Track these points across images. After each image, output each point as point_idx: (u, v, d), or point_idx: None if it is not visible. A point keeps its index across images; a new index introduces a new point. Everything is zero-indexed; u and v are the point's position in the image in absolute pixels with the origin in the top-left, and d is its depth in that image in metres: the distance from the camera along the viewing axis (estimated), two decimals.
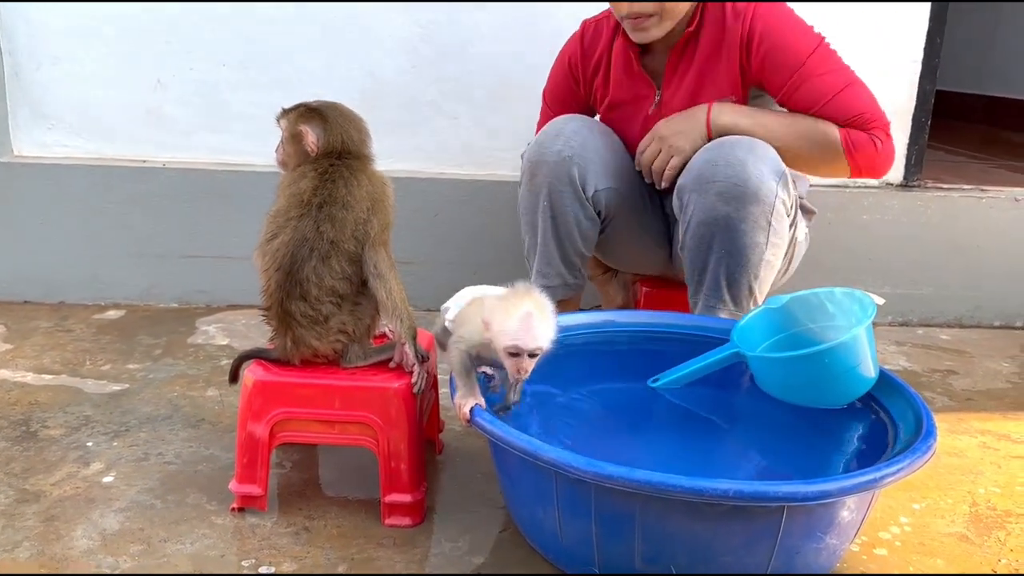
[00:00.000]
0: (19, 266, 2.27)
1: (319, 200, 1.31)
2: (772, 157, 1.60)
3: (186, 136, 2.29)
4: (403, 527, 1.33)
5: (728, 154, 1.57)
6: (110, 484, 1.43)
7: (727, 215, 1.56)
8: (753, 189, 1.54)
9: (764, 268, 1.63)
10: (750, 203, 1.55)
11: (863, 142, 1.65)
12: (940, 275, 2.42)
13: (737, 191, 1.55)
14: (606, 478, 1.05)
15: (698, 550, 1.11)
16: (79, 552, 1.24)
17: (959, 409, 1.89)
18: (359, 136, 1.38)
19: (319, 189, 1.31)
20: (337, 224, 1.30)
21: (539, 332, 1.16)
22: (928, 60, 2.34)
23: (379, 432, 1.31)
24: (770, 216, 1.58)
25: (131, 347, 2.01)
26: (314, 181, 1.32)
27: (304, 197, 1.31)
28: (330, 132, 1.34)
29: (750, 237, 1.58)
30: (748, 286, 1.63)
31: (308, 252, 1.29)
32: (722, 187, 1.55)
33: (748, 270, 1.61)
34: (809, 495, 1.04)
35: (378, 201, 1.34)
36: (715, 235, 1.59)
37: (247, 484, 1.33)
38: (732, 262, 1.61)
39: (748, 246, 1.59)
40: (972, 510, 1.47)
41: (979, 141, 3.58)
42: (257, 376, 1.33)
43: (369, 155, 1.39)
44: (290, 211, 1.32)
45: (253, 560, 1.24)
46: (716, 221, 1.57)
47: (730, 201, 1.55)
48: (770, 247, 1.62)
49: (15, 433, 1.59)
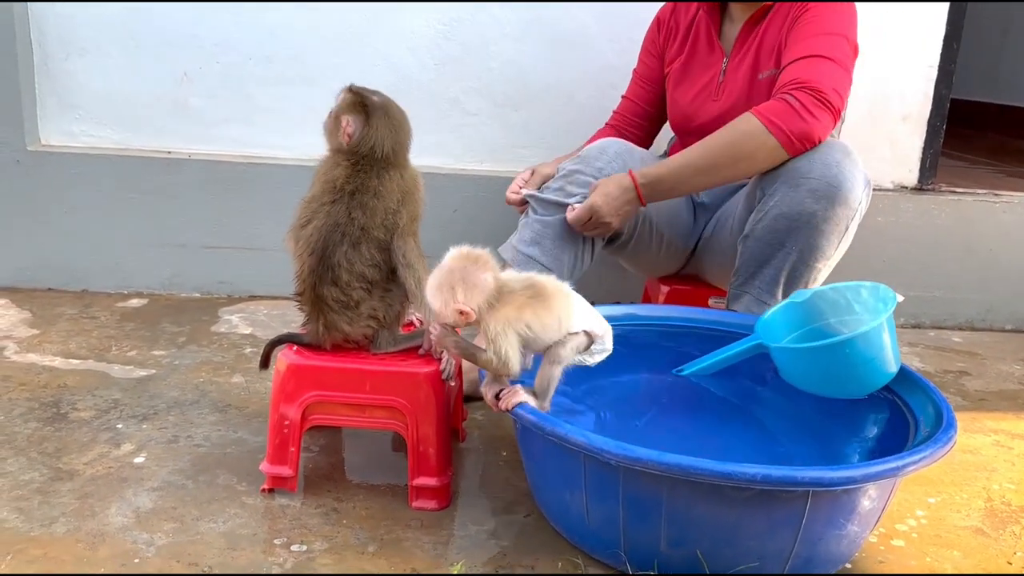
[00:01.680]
0: (44, 254, 2.30)
1: (351, 188, 1.34)
2: (860, 164, 1.61)
3: (211, 128, 2.32)
4: (429, 510, 1.35)
5: (826, 155, 1.57)
6: (141, 464, 1.46)
7: (814, 212, 1.56)
8: (845, 192, 1.55)
9: (824, 270, 1.66)
10: (839, 205, 1.56)
11: (780, 110, 1.55)
12: (952, 278, 2.45)
13: (831, 191, 1.55)
14: (636, 461, 1.08)
15: (723, 535, 1.13)
16: (114, 528, 1.27)
17: (973, 409, 1.91)
18: (394, 146, 1.37)
19: (352, 178, 1.34)
20: (368, 211, 1.33)
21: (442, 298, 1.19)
22: (944, 65, 2.37)
23: (408, 416, 1.34)
24: (850, 221, 1.61)
25: (155, 334, 2.04)
26: (347, 170, 1.35)
27: (337, 184, 1.34)
28: (366, 135, 1.35)
29: (827, 238, 1.59)
30: (805, 285, 1.65)
31: (340, 237, 1.32)
32: (816, 184, 1.55)
33: (812, 270, 1.63)
34: (835, 480, 1.06)
35: (408, 193, 1.38)
36: (793, 230, 1.59)
37: (278, 465, 1.36)
38: (800, 260, 1.62)
39: (822, 247, 1.60)
40: (987, 505, 1.49)
41: (991, 149, 3.60)
42: (290, 360, 1.36)
43: (401, 163, 1.39)
44: (323, 197, 1.35)
45: (285, 539, 1.27)
46: (801, 216, 1.57)
47: (820, 200, 1.55)
48: (838, 251, 1.65)
49: (46, 414, 1.62)
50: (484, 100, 2.34)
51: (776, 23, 1.76)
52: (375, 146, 1.36)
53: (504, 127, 2.35)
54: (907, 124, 2.41)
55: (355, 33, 2.28)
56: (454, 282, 1.18)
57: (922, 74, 2.38)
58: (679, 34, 1.91)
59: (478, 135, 2.34)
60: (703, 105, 1.83)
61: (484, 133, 2.35)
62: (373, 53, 2.29)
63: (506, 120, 2.35)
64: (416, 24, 2.28)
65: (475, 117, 2.34)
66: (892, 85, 2.38)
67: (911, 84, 2.38)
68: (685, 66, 1.89)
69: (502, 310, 1.19)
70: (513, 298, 1.20)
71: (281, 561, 1.22)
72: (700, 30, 1.87)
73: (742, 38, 1.80)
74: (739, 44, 1.80)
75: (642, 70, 1.99)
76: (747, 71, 1.78)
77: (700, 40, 1.87)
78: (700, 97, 1.84)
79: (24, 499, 1.34)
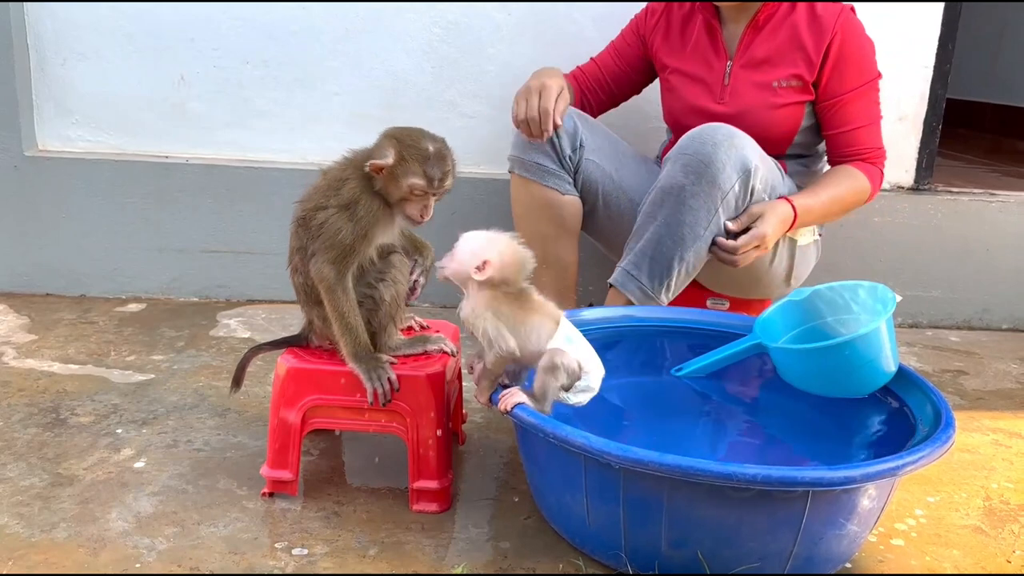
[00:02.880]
0: (42, 259, 2.30)
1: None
2: (745, 153, 1.65)
3: (209, 132, 2.32)
4: (430, 513, 1.36)
5: (708, 134, 1.65)
6: (142, 469, 1.46)
7: (683, 186, 1.64)
8: (715, 170, 1.61)
9: (694, 255, 1.68)
10: (706, 181, 1.62)
11: (877, 179, 1.85)
12: (950, 278, 2.45)
13: (700, 167, 1.62)
14: (637, 462, 1.08)
15: (724, 535, 1.14)
16: (115, 533, 1.27)
17: (970, 408, 1.92)
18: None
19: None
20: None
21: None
22: (940, 65, 2.37)
23: (408, 419, 1.34)
24: (719, 203, 1.64)
25: (154, 339, 2.04)
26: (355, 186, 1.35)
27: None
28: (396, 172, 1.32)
29: (693, 214, 1.64)
30: (669, 264, 1.68)
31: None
32: (689, 160, 1.64)
33: (678, 248, 1.66)
34: (834, 480, 1.07)
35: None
36: (665, 202, 1.66)
37: (278, 469, 1.36)
38: (666, 233, 1.66)
39: (688, 223, 1.65)
40: (986, 504, 1.50)
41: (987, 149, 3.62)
42: (290, 364, 1.36)
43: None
44: (323, 200, 1.35)
45: (286, 542, 1.27)
46: (672, 188, 1.65)
47: (689, 174, 1.63)
48: (706, 236, 1.66)
49: (45, 420, 1.61)
50: (481, 103, 2.34)
51: (786, 31, 1.78)
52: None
53: (501, 129, 2.34)
54: (903, 124, 2.42)
55: (352, 36, 2.28)
56: (500, 247, 1.27)
57: (918, 75, 2.39)
58: (671, 30, 1.92)
59: (475, 138, 2.35)
60: (706, 106, 1.84)
61: (481, 135, 2.35)
62: (370, 56, 2.30)
63: (503, 123, 2.33)
64: (413, 27, 2.29)
65: (472, 120, 2.35)
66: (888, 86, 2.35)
67: (907, 85, 2.38)
68: (685, 64, 1.89)
69: (489, 293, 1.26)
70: (504, 294, 1.27)
71: (282, 565, 1.22)
72: (700, 28, 1.87)
73: (746, 41, 1.81)
74: (743, 47, 1.81)
75: (620, 44, 2.01)
76: (758, 78, 1.79)
77: (701, 39, 1.87)
78: (703, 98, 1.85)
79: (24, 505, 1.33)
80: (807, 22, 1.79)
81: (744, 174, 1.65)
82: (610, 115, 2.28)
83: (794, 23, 1.79)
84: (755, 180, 1.67)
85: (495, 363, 1.25)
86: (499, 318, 1.25)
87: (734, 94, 1.82)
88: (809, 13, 1.79)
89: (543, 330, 1.26)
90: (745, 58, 1.82)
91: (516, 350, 1.24)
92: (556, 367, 1.22)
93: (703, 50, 1.87)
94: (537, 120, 1.74)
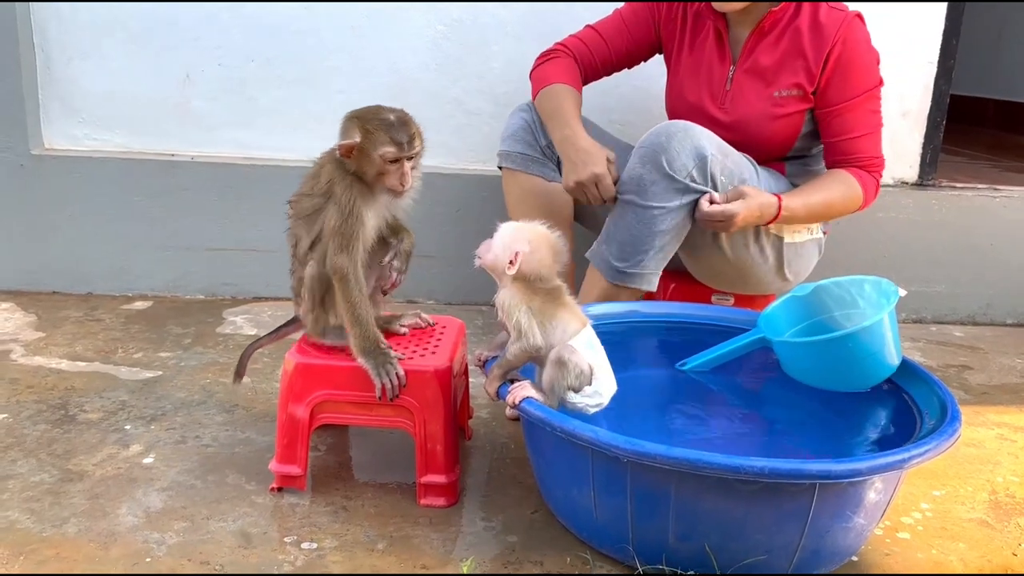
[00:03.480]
0: (48, 257, 2.31)
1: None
2: (699, 143, 1.66)
3: (213, 131, 2.33)
4: (438, 507, 1.36)
5: (665, 127, 1.68)
6: (150, 465, 1.46)
7: (641, 176, 1.66)
8: (668, 159, 1.63)
9: (658, 241, 1.67)
10: (659, 170, 1.64)
11: (872, 189, 1.82)
12: (953, 273, 2.46)
13: (655, 156, 1.64)
14: (644, 456, 1.09)
15: (731, 528, 1.14)
16: (126, 528, 1.28)
17: (975, 403, 1.92)
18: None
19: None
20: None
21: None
22: (944, 61, 2.38)
23: (416, 414, 1.34)
24: (678, 189, 1.64)
25: (161, 336, 2.05)
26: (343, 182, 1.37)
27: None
28: (363, 148, 1.34)
29: (657, 198, 1.65)
30: (642, 250, 1.67)
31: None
32: (645, 151, 1.66)
33: (645, 236, 1.67)
34: (842, 473, 1.07)
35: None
36: (629, 191, 1.68)
37: (287, 464, 1.37)
38: (635, 221, 1.67)
39: (652, 211, 1.65)
40: (991, 498, 1.50)
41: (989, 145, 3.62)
42: (298, 359, 1.36)
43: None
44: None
45: (295, 537, 1.27)
46: (632, 179, 1.67)
47: (646, 164, 1.65)
48: (670, 223, 1.66)
49: (54, 416, 1.62)
50: (485, 100, 2.34)
51: (789, 37, 1.76)
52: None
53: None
54: (907, 120, 2.42)
55: (356, 34, 2.29)
56: (532, 238, 1.29)
57: (922, 70, 2.39)
58: (679, 20, 1.90)
59: (480, 135, 2.35)
60: (707, 108, 1.83)
61: (486, 133, 2.36)
62: (374, 54, 2.30)
63: (507, 119, 2.35)
64: (417, 25, 2.29)
65: (477, 117, 2.35)
66: (892, 82, 2.36)
67: (911, 80, 2.39)
68: (692, 60, 1.88)
69: (523, 286, 1.28)
70: (535, 287, 1.28)
71: (292, 559, 1.22)
72: (708, 27, 1.86)
73: (750, 46, 1.80)
74: (747, 53, 1.80)
75: (632, 23, 1.93)
76: (760, 88, 1.78)
77: (708, 38, 1.86)
78: (705, 99, 1.84)
79: (35, 500, 1.34)
80: (809, 28, 1.76)
81: (700, 161, 1.65)
82: (613, 110, 2.29)
83: (797, 29, 1.77)
84: (713, 168, 1.66)
85: (517, 356, 1.27)
86: (532, 312, 1.26)
87: (735, 101, 1.81)
88: (812, 19, 1.76)
89: (568, 328, 1.27)
90: (748, 64, 1.80)
91: (542, 346, 1.25)
92: (565, 362, 1.23)
93: (709, 51, 1.86)
94: (606, 201, 1.74)
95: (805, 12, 1.77)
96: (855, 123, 1.78)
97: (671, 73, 1.95)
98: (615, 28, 1.94)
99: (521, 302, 1.28)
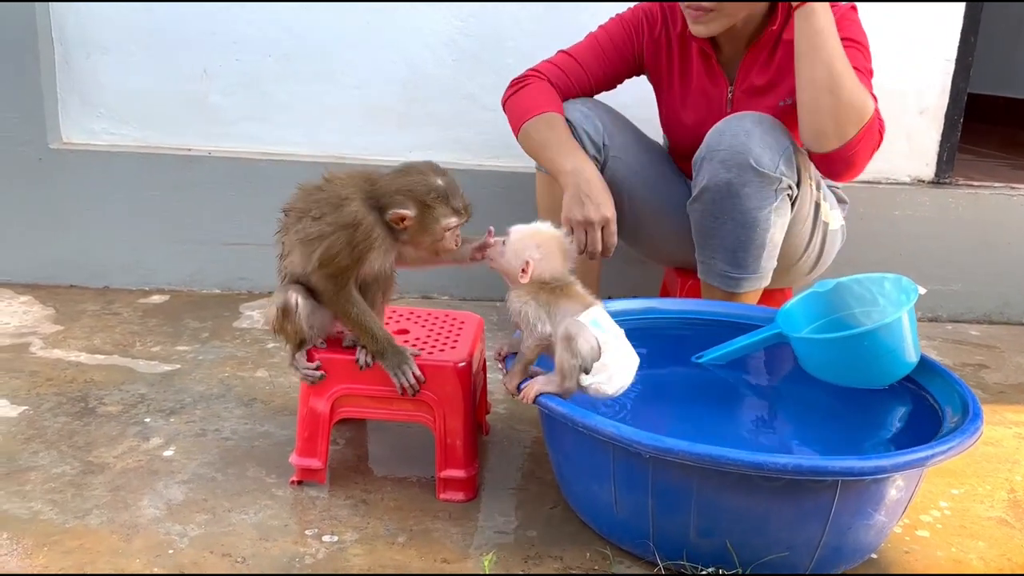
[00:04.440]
0: (65, 251, 2.32)
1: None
2: (778, 135, 1.64)
3: (230, 125, 2.33)
4: (457, 502, 1.37)
5: (735, 126, 1.64)
6: (171, 458, 1.47)
7: (729, 181, 1.63)
8: (755, 157, 1.61)
9: (769, 240, 1.68)
10: (750, 171, 1.61)
11: (873, 136, 1.63)
12: (969, 272, 2.45)
13: (739, 158, 1.61)
14: (667, 452, 1.09)
15: (752, 524, 1.14)
16: (147, 520, 1.29)
17: (992, 402, 1.91)
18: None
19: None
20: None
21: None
22: (962, 59, 2.37)
23: (435, 409, 1.35)
24: (778, 188, 1.64)
25: (178, 330, 2.06)
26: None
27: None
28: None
29: (755, 203, 1.63)
30: (754, 252, 1.68)
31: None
32: (725, 155, 1.63)
33: (758, 237, 1.67)
34: (865, 470, 1.07)
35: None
36: (719, 200, 1.65)
37: (308, 457, 1.38)
38: (741, 228, 1.66)
39: (753, 214, 1.64)
40: (1010, 496, 1.50)
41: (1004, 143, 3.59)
42: (320, 354, 1.37)
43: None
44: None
45: (316, 529, 1.28)
46: (719, 186, 1.64)
47: (731, 168, 1.62)
48: (774, 219, 1.66)
49: (74, 409, 1.63)
50: (500, 95, 2.34)
51: (783, 49, 1.72)
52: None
53: None
54: (924, 118, 2.41)
55: (372, 30, 2.29)
56: (541, 242, 1.33)
57: (939, 68, 2.38)
58: (664, 45, 1.86)
59: (495, 130, 2.34)
60: None
61: (501, 128, 2.34)
62: (390, 49, 2.31)
63: None
64: (432, 20, 2.29)
65: (492, 112, 2.34)
66: (909, 79, 2.38)
67: (928, 78, 2.38)
68: (682, 87, 1.86)
69: (530, 284, 1.31)
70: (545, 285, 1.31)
71: (313, 551, 1.23)
72: (694, 52, 1.82)
73: (746, 66, 1.77)
74: (743, 73, 1.78)
75: (609, 48, 1.87)
76: (763, 102, 1.75)
77: (695, 62, 1.83)
78: (708, 123, 1.78)
79: (57, 492, 1.35)
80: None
81: (785, 151, 1.64)
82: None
83: (790, 41, 1.69)
84: (797, 158, 1.66)
85: (531, 348, 1.28)
86: (539, 304, 1.28)
87: None
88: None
89: (575, 311, 1.27)
90: (746, 84, 1.78)
91: (551, 333, 1.26)
92: (571, 337, 1.22)
93: (699, 75, 1.83)
94: (598, 253, 1.69)
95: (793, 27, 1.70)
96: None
97: (662, 96, 1.92)
98: (591, 53, 1.89)
99: (528, 296, 1.30)
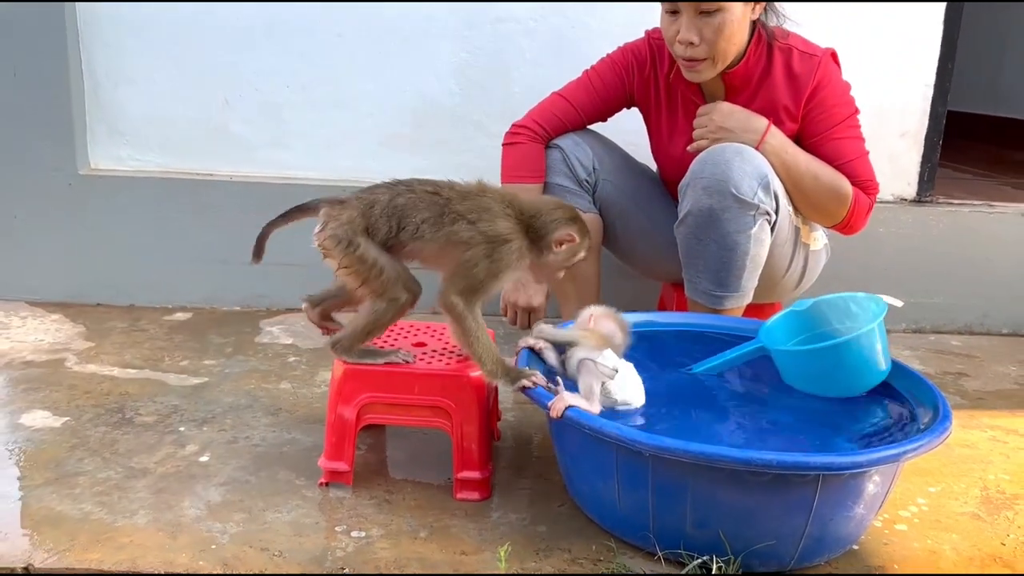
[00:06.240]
0: (94, 271, 2.45)
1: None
2: (757, 164, 1.77)
3: (250, 152, 2.47)
4: (472, 501, 1.49)
5: (717, 156, 1.77)
6: (207, 463, 1.59)
7: (711, 207, 1.76)
8: (734, 184, 1.73)
9: (750, 261, 1.80)
10: (730, 198, 1.74)
11: (864, 205, 1.88)
12: (951, 285, 2.58)
13: (720, 185, 1.74)
14: (665, 450, 1.21)
15: (743, 516, 1.26)
16: (190, 519, 1.41)
17: (970, 407, 2.04)
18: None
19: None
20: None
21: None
22: (940, 84, 2.50)
23: (453, 415, 1.47)
24: (757, 215, 1.77)
25: (204, 345, 2.18)
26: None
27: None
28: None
29: (735, 227, 1.76)
30: (735, 272, 1.81)
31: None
32: (707, 182, 1.76)
33: (739, 259, 1.79)
34: (843, 465, 1.20)
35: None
36: (702, 225, 1.78)
37: (335, 461, 1.50)
38: (723, 249, 1.79)
39: (735, 238, 1.77)
40: (983, 493, 1.62)
41: (987, 160, 3.73)
42: (347, 365, 1.49)
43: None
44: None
45: (344, 526, 1.40)
46: (702, 212, 1.77)
47: (713, 195, 1.75)
48: (754, 242, 1.79)
49: (113, 419, 1.75)
50: (506, 122, 2.44)
51: (765, 94, 1.85)
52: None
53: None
54: (905, 140, 2.55)
55: (385, 61, 2.43)
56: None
57: (919, 92, 2.52)
58: (652, 84, 1.98)
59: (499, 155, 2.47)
60: None
61: None
62: (402, 80, 2.44)
63: None
64: (442, 52, 2.43)
65: (498, 139, 2.44)
66: (891, 103, 2.52)
67: (909, 102, 2.51)
68: (669, 121, 1.99)
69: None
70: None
71: (343, 545, 1.35)
72: (680, 90, 1.94)
73: (731, 99, 1.88)
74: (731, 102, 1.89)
75: (600, 87, 2.00)
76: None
77: (680, 100, 1.95)
78: (693, 153, 1.88)
79: (105, 494, 1.47)
80: (784, 79, 1.85)
81: (763, 180, 1.76)
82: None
83: (772, 86, 1.85)
84: (774, 185, 1.78)
85: None
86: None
87: None
88: (786, 70, 1.85)
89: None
90: None
91: None
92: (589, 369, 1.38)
93: (686, 115, 1.95)
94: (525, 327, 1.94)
95: (777, 64, 1.85)
96: (846, 149, 1.86)
97: (651, 128, 2.06)
98: (583, 92, 2.02)
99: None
